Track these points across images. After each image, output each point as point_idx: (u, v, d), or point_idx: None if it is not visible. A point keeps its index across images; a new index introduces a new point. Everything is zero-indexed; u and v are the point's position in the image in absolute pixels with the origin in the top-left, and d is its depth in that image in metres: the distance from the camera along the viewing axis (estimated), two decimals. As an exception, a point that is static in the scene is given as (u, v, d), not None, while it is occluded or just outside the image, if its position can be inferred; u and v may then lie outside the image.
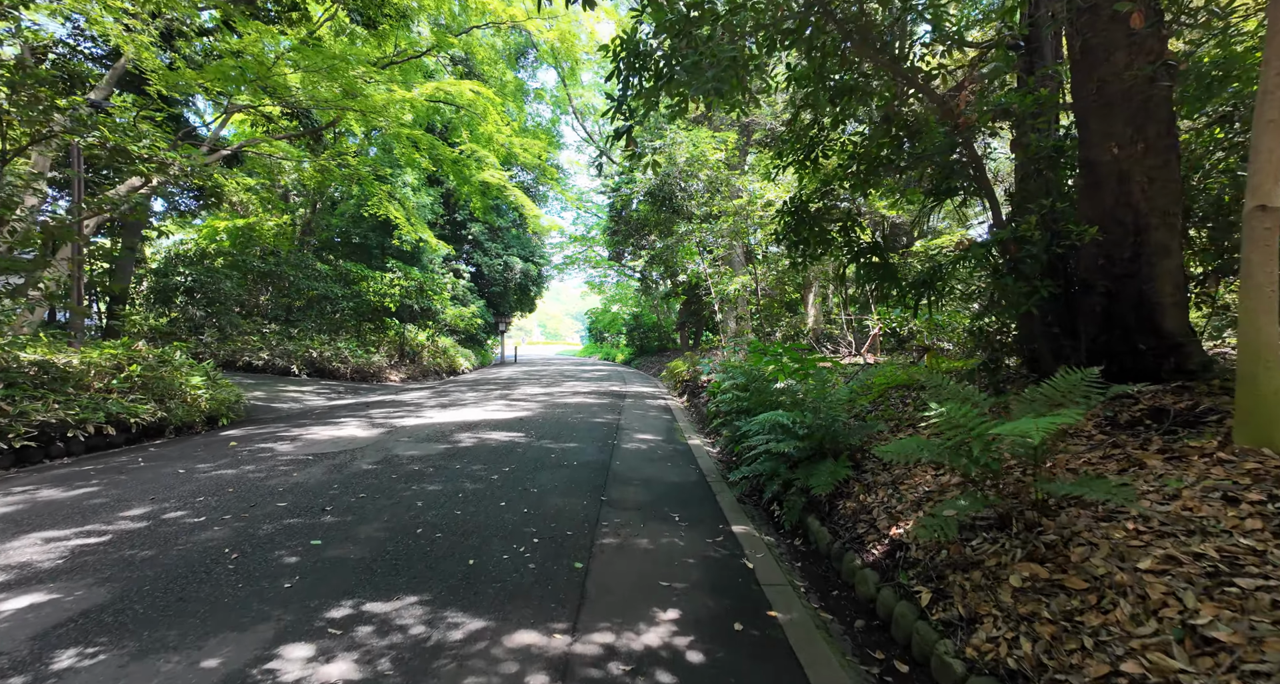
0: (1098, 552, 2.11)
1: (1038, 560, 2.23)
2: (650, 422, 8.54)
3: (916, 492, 3.34)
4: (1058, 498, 2.52)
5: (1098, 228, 3.81)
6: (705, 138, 10.68)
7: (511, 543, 3.35)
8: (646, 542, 3.48)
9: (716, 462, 6.05)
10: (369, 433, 6.95)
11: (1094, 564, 2.07)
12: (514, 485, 4.63)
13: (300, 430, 7.10)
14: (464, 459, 5.52)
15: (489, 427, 7.51)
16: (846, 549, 3.21)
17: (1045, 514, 2.45)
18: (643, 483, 4.91)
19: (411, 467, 5.17)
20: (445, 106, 14.43)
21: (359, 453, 5.72)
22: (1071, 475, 2.71)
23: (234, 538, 3.29)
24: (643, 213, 13.89)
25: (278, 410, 9.05)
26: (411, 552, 3.16)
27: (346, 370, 15.18)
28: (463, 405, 9.77)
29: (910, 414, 4.76)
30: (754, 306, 11.46)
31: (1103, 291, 3.99)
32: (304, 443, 6.25)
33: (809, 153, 5.44)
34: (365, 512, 3.86)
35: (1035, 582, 2.14)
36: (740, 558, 3.30)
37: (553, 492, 4.49)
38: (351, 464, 5.23)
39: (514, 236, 27.50)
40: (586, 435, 7.07)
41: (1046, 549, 2.26)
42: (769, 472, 4.28)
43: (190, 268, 15.68)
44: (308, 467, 5.11)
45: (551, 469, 5.23)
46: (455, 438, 6.62)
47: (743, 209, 10.62)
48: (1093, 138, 3.93)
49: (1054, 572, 2.14)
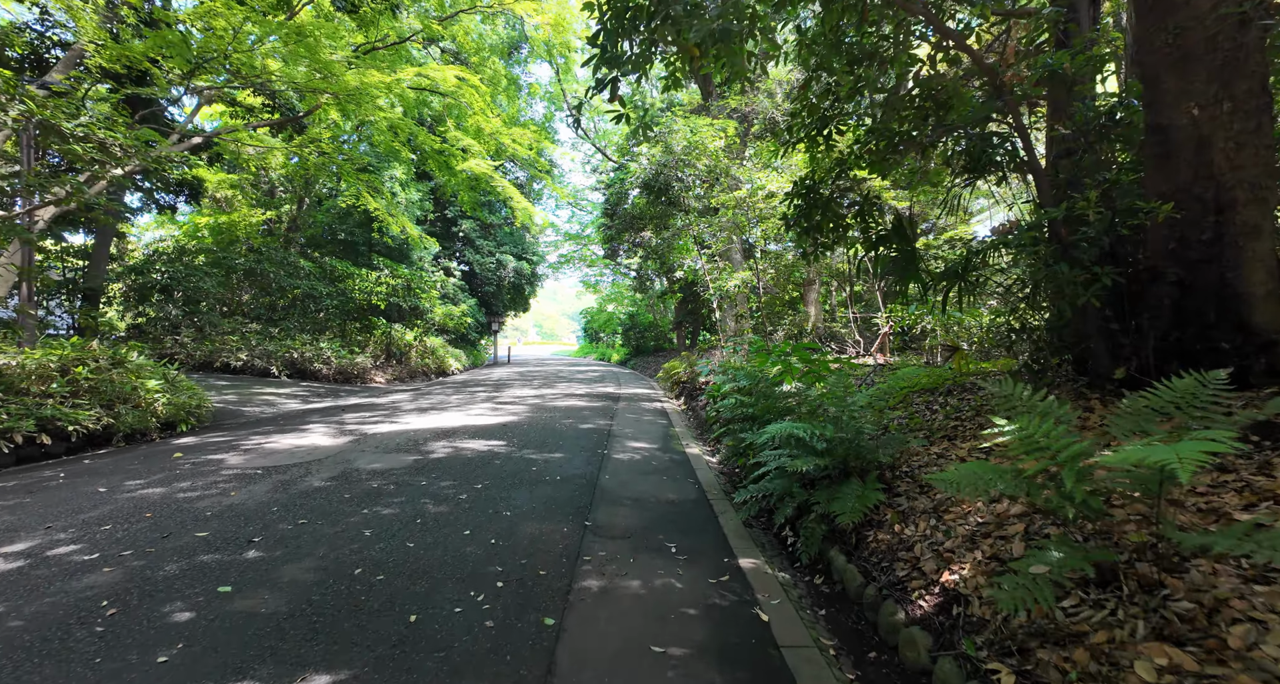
0: (1271, 635, 1.49)
1: (1173, 641, 1.61)
2: (645, 427, 7.91)
3: (967, 523, 2.72)
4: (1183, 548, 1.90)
5: (1172, 204, 3.20)
6: (704, 125, 10.06)
7: (469, 588, 2.72)
8: (637, 584, 2.85)
9: (718, 474, 5.43)
10: (334, 441, 6.30)
11: (1267, 654, 1.45)
12: (484, 507, 3.99)
13: (261, 438, 6.44)
14: (433, 474, 4.88)
15: (468, 434, 6.87)
16: (884, 596, 2.59)
17: (1166, 569, 1.83)
18: (634, 502, 4.28)
19: (369, 484, 4.52)
20: (433, 97, 13.77)
21: (315, 466, 5.07)
22: (1186, 513, 2.09)
23: (122, 584, 2.65)
24: (638, 206, 13.26)
25: (247, 415, 8.39)
26: (341, 603, 2.52)
27: (329, 371, 14.51)
28: (444, 409, 9.12)
29: (943, 424, 4.14)
30: (754, 304, 10.84)
31: (1174, 280, 3.39)
32: (258, 454, 5.60)
33: (821, 128, 4.82)
34: (300, 544, 3.21)
35: (1179, 677, 1.51)
36: (752, 606, 2.68)
37: (529, 515, 3.85)
38: (302, 480, 4.59)
39: (507, 234, 26.82)
40: (574, 444, 6.44)
41: (1182, 622, 1.65)
42: (780, 491, 3.65)
43: (168, 265, 14.99)
44: (251, 483, 4.46)
45: (531, 486, 4.59)
46: (428, 448, 5.98)
47: (743, 202, 10.00)
48: (1165, 98, 3.33)
49: (1204, 662, 1.52)
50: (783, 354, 5.35)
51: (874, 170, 4.70)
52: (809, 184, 4.82)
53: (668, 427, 8.08)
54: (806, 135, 4.78)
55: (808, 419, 3.73)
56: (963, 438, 3.76)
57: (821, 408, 3.94)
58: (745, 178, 10.08)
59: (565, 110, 30.11)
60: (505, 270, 25.89)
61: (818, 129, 4.83)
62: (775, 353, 5.31)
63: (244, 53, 7.43)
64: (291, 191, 20.54)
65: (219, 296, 15.66)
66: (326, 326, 17.04)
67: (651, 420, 8.62)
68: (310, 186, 20.07)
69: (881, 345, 8.86)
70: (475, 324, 24.52)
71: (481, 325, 25.76)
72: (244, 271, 15.87)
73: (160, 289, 14.83)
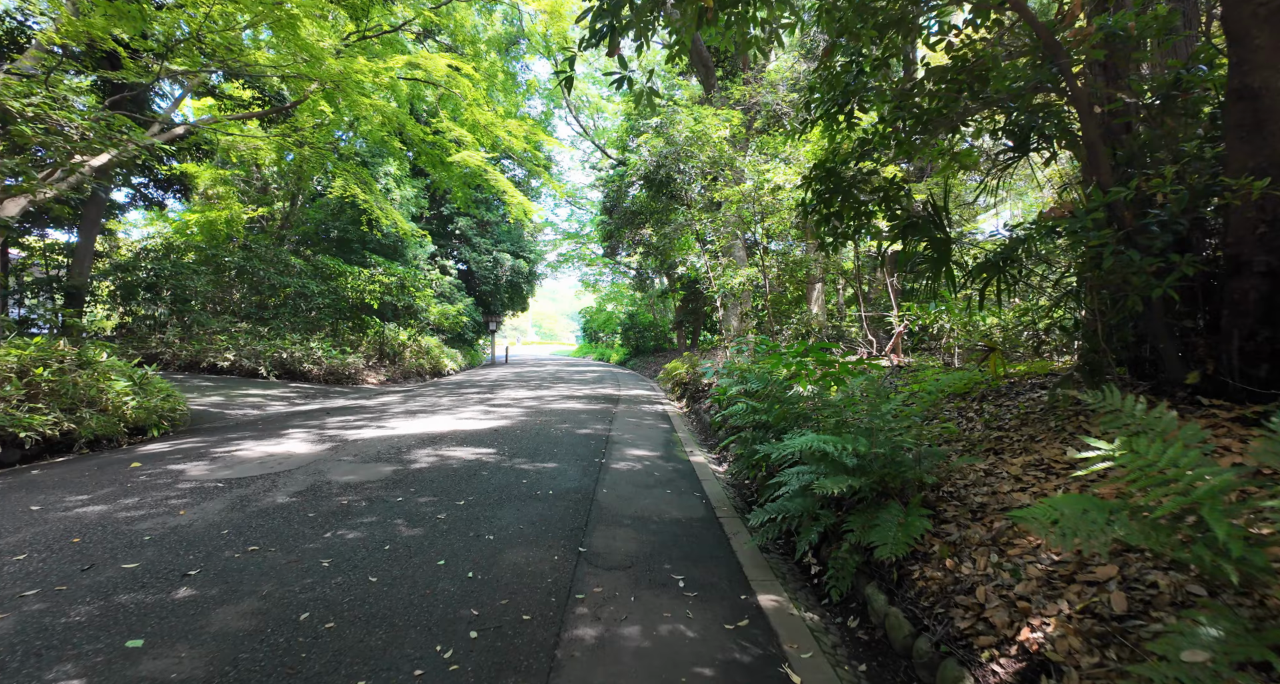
0: None
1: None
2: (645, 432, 7.43)
3: (1038, 561, 2.24)
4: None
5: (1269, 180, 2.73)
6: (708, 114, 9.57)
7: (436, 640, 2.24)
8: (638, 632, 2.37)
9: (725, 486, 4.96)
10: (310, 449, 5.82)
11: None
12: (464, 530, 3.51)
13: (233, 445, 5.97)
14: (411, 487, 4.40)
15: (457, 440, 6.39)
16: (943, 653, 2.11)
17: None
18: (636, 521, 3.81)
19: (339, 500, 4.04)
20: (427, 90, 13.28)
21: (282, 479, 4.59)
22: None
23: (8, 637, 2.17)
24: (639, 201, 12.77)
25: (228, 418, 7.92)
26: (273, 665, 2.04)
27: (319, 372, 14.03)
28: (434, 413, 8.65)
29: (983, 435, 3.67)
30: (759, 302, 10.36)
31: (1263, 270, 2.91)
32: (225, 463, 5.12)
33: (843, 104, 4.34)
34: (243, 578, 2.74)
35: None
36: (778, 661, 2.20)
37: (515, 540, 3.38)
38: (264, 496, 4.11)
39: (505, 232, 26.32)
40: (570, 452, 5.96)
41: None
42: (802, 512, 3.18)
43: (155, 263, 14.51)
44: (207, 500, 3.98)
45: (520, 502, 4.12)
46: (410, 457, 5.50)
47: (748, 195, 9.52)
48: (1257, 57, 2.85)
49: None
50: (797, 355, 4.88)
51: (900, 152, 4.22)
52: (829, 167, 4.35)
53: (670, 432, 7.60)
54: (826, 113, 4.30)
55: (834, 429, 3.26)
56: (1011, 452, 3.28)
57: (847, 416, 3.46)
58: (750, 170, 9.60)
59: (565, 109, 29.69)
60: (502, 269, 25.39)
61: (839, 105, 4.35)
62: (790, 353, 4.84)
63: (218, 33, 6.96)
64: (285, 188, 20.09)
65: (208, 295, 15.20)
66: (319, 326, 16.58)
67: (652, 425, 8.15)
68: (303, 182, 19.61)
69: (896, 346, 8.38)
70: (472, 323, 24.03)
71: (478, 325, 25.28)
72: (234, 270, 15.41)
73: (146, 287, 14.37)
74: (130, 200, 17.89)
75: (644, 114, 13.05)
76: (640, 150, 10.75)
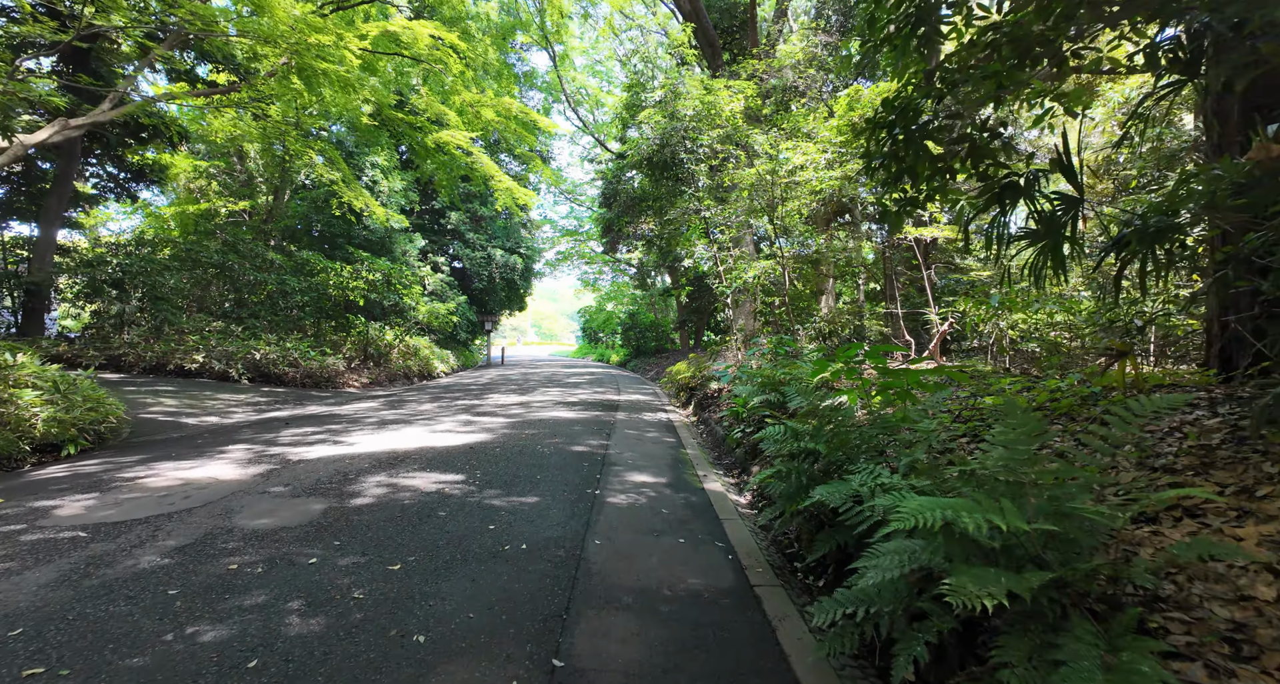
0: None
1: None
2: (649, 449, 6.30)
3: None
4: None
5: None
6: (719, 85, 8.46)
7: None
8: None
9: (754, 530, 3.82)
10: (239, 474, 4.71)
11: None
12: (387, 621, 2.38)
13: (145, 469, 4.86)
14: (337, 538, 3.27)
15: (421, 462, 5.27)
16: None
17: None
18: (640, 599, 2.68)
19: (228, 562, 2.92)
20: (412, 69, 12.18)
21: (174, 522, 3.47)
22: None
23: None
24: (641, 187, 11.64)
25: (182, 427, 6.82)
26: None
27: (297, 375, 12.90)
28: (409, 423, 7.53)
29: (1148, 479, 2.52)
30: (776, 299, 9.23)
31: None
32: (115, 497, 4.00)
33: (915, 24, 3.22)
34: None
35: None
36: None
37: (456, 642, 2.24)
38: (129, 554, 2.98)
39: (500, 227, 25.21)
40: (557, 478, 4.83)
41: None
42: (893, 602, 2.05)
43: (124, 258, 13.41)
44: (42, 563, 2.86)
45: (478, 564, 2.99)
46: (355, 487, 4.37)
47: (763, 177, 8.39)
48: None
49: None
50: (848, 358, 3.76)
51: (1002, 85, 3.08)
52: (899, 105, 3.21)
53: (677, 447, 6.47)
54: (897, 32, 3.16)
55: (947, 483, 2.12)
56: (1217, 512, 2.14)
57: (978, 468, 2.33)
58: (766, 147, 8.46)
59: (564, 102, 28.59)
60: (496, 266, 24.27)
61: (911, 25, 3.22)
62: (841, 358, 3.71)
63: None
64: (269, 181, 18.99)
65: (182, 292, 14.10)
66: (300, 325, 15.48)
67: (656, 438, 7.02)
68: (289, 175, 18.50)
69: (937, 347, 7.25)
70: (466, 323, 22.90)
71: (473, 324, 24.15)
72: (210, 266, 14.30)
73: (113, 283, 13.27)
74: (99, 191, 16.79)
75: (643, 95, 11.97)
76: (642, 127, 9.62)
